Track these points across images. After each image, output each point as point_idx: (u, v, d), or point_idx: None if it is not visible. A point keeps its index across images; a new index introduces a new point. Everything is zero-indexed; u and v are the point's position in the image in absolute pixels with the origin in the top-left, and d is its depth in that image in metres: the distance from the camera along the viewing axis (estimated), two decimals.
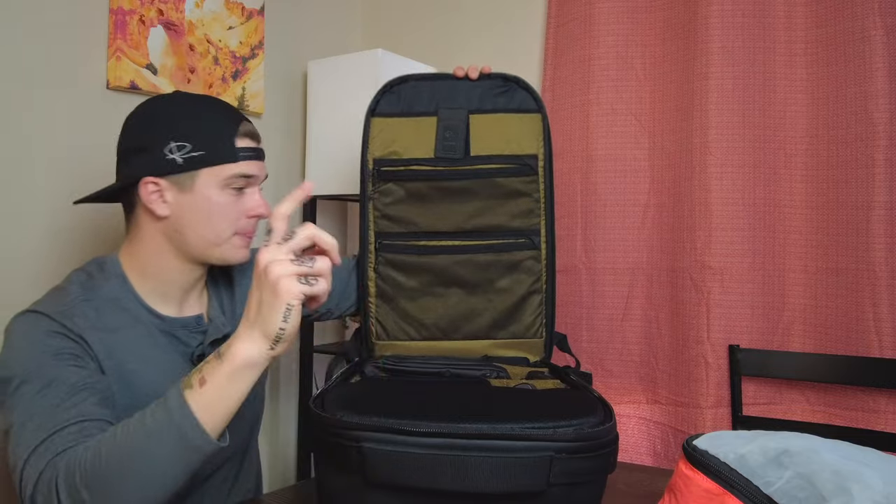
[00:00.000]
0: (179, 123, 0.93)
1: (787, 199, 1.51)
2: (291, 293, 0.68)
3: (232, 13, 1.74)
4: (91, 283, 0.92)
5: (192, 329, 0.98)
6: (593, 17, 1.69)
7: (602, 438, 0.67)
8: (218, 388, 0.71)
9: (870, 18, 1.38)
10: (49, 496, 0.69)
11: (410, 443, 0.67)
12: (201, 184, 0.92)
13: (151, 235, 0.95)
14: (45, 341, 0.82)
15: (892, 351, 1.37)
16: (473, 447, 0.65)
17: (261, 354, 0.71)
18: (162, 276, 0.96)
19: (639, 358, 1.66)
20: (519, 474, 0.64)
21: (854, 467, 0.51)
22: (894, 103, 1.37)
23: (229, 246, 0.96)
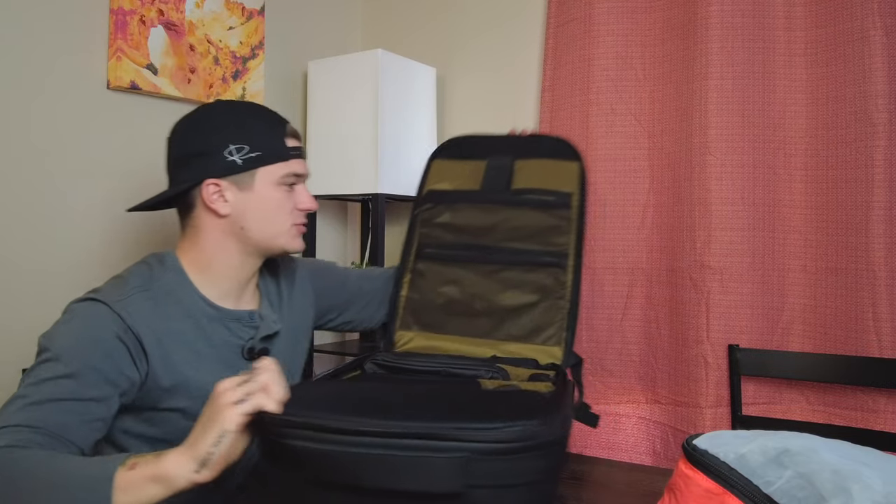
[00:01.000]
0: (235, 127, 0.99)
1: (787, 199, 1.51)
2: (230, 420, 0.70)
3: (232, 13, 1.74)
4: (151, 274, 0.97)
5: (244, 323, 1.02)
6: (593, 17, 1.69)
7: (525, 441, 0.63)
8: (138, 479, 0.72)
9: (869, 19, 1.38)
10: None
11: (335, 440, 0.66)
12: (259, 182, 0.99)
13: (212, 233, 0.99)
14: (94, 335, 0.86)
15: (891, 351, 1.37)
16: (393, 445, 0.64)
17: (183, 475, 0.71)
18: (221, 272, 1.01)
19: (638, 358, 1.66)
20: (434, 474, 0.62)
21: (854, 467, 0.51)
22: (893, 103, 1.37)
23: (288, 236, 1.03)
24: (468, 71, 1.99)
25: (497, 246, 1.20)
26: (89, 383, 0.84)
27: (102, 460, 0.75)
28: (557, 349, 1.11)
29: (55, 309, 0.92)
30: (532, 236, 1.18)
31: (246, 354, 1.01)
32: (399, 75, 1.82)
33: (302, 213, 1.05)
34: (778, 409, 1.51)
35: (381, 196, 1.76)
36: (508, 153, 1.27)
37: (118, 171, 1.51)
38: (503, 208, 1.21)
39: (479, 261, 1.20)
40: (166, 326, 0.93)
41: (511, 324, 1.14)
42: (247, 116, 1.01)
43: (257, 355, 1.01)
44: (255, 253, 1.03)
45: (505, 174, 1.24)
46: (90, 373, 0.84)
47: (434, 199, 1.28)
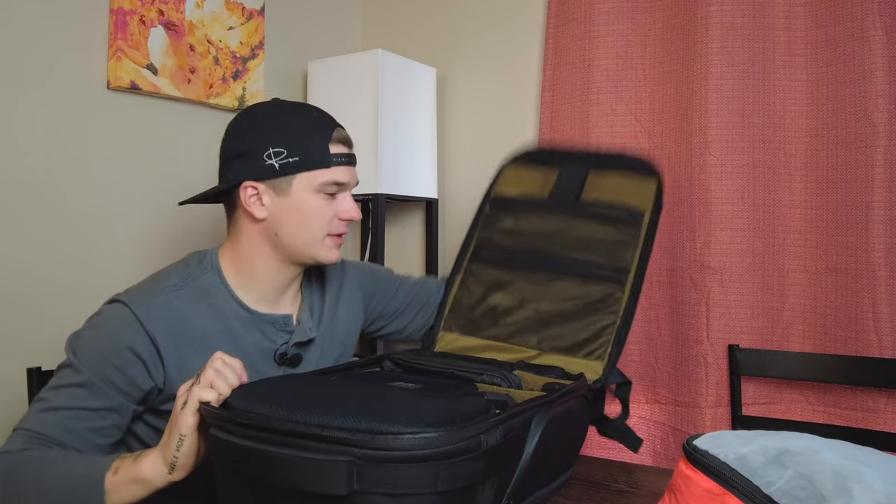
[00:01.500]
0: (276, 130, 0.97)
1: (787, 199, 1.51)
2: (184, 424, 0.74)
3: (232, 13, 1.74)
4: (188, 272, 0.97)
5: (279, 327, 1.01)
6: (593, 17, 1.69)
7: (417, 451, 0.61)
8: (121, 482, 0.77)
9: (869, 19, 1.38)
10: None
11: (233, 431, 0.67)
12: (296, 188, 0.97)
13: (250, 236, 0.99)
14: (112, 346, 0.88)
15: (891, 351, 1.37)
16: (290, 444, 0.63)
17: (158, 476, 0.76)
18: (258, 275, 1.00)
19: (638, 358, 1.66)
20: (322, 476, 0.61)
21: (855, 467, 0.51)
22: (893, 103, 1.37)
23: (322, 247, 1.00)
24: (468, 71, 1.99)
25: (555, 254, 1.17)
26: (101, 394, 0.87)
27: (92, 463, 0.79)
28: (599, 364, 1.06)
29: (54, 312, 0.93)
30: (594, 248, 1.15)
31: (277, 359, 1.01)
32: (399, 75, 1.82)
33: (342, 223, 1.02)
34: (778, 409, 1.51)
35: (381, 196, 1.76)
36: (584, 164, 1.24)
37: (118, 171, 1.51)
38: (569, 218, 1.19)
39: (533, 267, 1.17)
40: (191, 328, 0.93)
41: (555, 333, 1.11)
42: (291, 119, 0.99)
43: (289, 361, 1.01)
44: (289, 260, 1.01)
45: (576, 184, 1.22)
46: (104, 384, 0.87)
47: (498, 205, 1.26)
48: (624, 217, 1.17)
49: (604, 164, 1.24)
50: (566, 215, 1.19)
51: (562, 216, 1.19)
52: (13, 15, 1.33)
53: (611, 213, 1.18)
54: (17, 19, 1.33)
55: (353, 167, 1.02)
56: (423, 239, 2.05)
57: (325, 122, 1.01)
